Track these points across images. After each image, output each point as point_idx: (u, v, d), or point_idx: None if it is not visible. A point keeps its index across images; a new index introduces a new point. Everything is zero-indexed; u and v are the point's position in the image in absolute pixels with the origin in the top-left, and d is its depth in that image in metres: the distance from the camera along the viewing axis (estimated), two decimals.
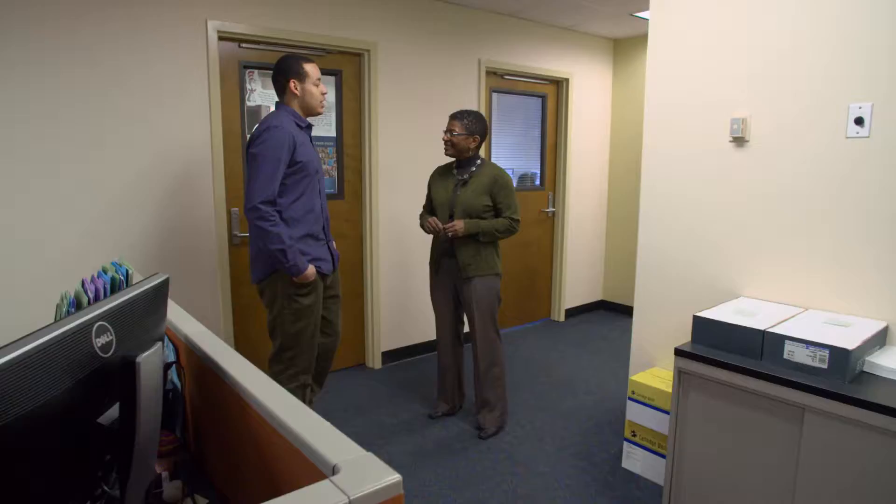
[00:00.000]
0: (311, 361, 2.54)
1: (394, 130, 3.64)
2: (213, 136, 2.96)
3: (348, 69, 3.47)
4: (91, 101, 2.60)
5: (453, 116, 2.75)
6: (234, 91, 3.08)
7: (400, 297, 3.86)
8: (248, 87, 3.16)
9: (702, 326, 2.01)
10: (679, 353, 1.99)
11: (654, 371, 2.54)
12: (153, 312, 1.13)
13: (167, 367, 1.26)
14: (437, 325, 3.02)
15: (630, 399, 2.50)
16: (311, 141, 2.47)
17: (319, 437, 0.77)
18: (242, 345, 3.24)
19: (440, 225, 2.72)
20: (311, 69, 2.39)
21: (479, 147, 2.79)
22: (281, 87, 2.39)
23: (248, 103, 3.18)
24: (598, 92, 4.89)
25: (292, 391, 2.49)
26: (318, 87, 2.42)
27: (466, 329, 2.94)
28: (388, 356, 3.86)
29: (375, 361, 3.80)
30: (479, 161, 2.81)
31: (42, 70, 2.47)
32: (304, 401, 2.55)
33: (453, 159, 2.84)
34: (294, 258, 2.29)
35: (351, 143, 3.56)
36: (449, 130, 2.74)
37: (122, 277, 1.62)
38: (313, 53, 3.29)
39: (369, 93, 3.50)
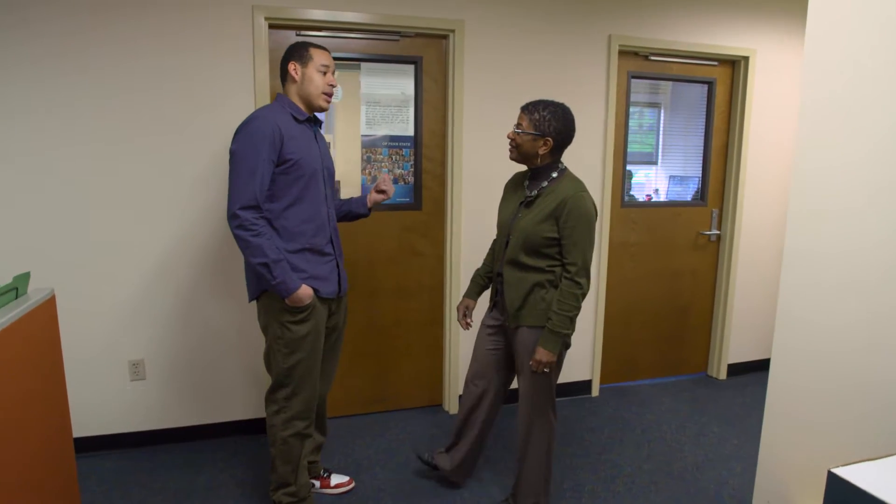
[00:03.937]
0: (311, 406, 2.08)
1: (484, 130, 2.98)
2: None
3: (429, 55, 2.92)
4: (117, 103, 2.47)
5: (523, 108, 2.01)
6: None
7: None
8: None
9: (843, 494, 1.03)
10: None
11: None
12: None
13: None
14: (472, 361, 2.35)
15: None
16: (315, 137, 2.03)
17: None
18: None
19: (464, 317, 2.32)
20: (317, 54, 2.01)
21: (553, 154, 1.99)
22: (282, 74, 2.04)
23: None
24: (795, 75, 3.58)
25: (287, 441, 2.04)
26: (325, 77, 2.00)
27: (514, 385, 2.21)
28: None
29: (452, 405, 3.19)
30: (555, 174, 2.02)
31: (65, 72, 2.38)
32: (301, 454, 2.09)
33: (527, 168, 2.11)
34: (282, 275, 1.86)
35: (431, 144, 3.00)
36: (516, 125, 2.02)
37: None
38: (386, 38, 2.81)
39: (454, 83, 2.90)
